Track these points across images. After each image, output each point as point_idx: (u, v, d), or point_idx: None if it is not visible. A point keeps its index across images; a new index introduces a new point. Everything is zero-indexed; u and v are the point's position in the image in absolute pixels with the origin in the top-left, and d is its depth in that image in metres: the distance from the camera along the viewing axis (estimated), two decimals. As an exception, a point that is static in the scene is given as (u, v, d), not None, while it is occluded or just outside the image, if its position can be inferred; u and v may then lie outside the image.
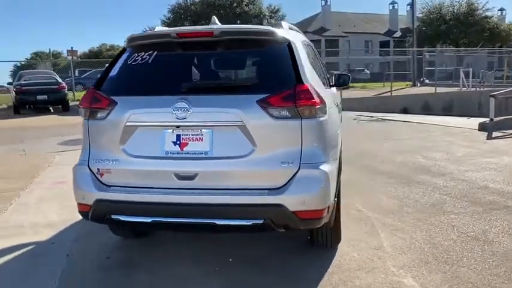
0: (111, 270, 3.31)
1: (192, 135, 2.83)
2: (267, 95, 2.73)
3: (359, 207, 4.49)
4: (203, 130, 2.82)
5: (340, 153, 5.99)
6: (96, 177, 2.97)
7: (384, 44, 53.36)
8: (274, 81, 2.89)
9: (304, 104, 2.76)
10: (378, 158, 6.90)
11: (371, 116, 12.80)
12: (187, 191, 2.81)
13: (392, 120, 12.09)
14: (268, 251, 3.52)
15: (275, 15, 46.89)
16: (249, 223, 2.74)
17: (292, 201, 2.72)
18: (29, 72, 18.74)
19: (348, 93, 22.99)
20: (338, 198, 3.23)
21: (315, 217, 2.83)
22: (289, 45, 3.00)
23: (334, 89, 5.21)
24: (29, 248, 3.76)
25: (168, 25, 44.55)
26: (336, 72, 5.68)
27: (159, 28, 3.28)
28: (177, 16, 43.98)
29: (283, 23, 3.44)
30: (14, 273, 3.31)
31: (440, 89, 22.10)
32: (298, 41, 3.28)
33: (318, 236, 3.35)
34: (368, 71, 42.66)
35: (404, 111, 18.12)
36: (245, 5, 43.05)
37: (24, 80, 16.22)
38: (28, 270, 3.33)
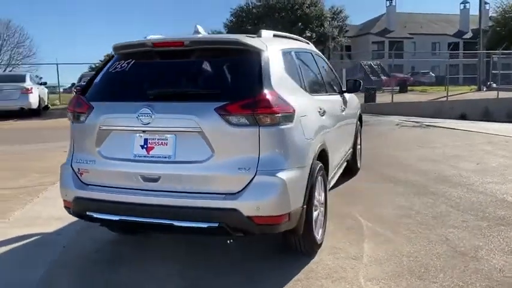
0: (96, 263, 3.55)
1: (158, 139, 2.99)
2: (225, 102, 2.82)
3: (357, 216, 4.42)
4: (167, 135, 2.96)
5: (355, 157, 5.92)
6: (77, 176, 3.21)
7: (452, 46, 50.83)
8: (236, 89, 2.98)
9: (262, 112, 2.82)
10: (402, 166, 6.69)
11: (416, 122, 12.33)
12: (151, 192, 2.97)
13: (437, 126, 11.55)
14: (247, 254, 3.60)
15: (337, 17, 46.29)
16: (204, 226, 2.86)
17: (246, 206, 2.80)
18: (89, 74, 20.10)
19: (403, 97, 22.35)
20: (309, 205, 3.22)
21: (272, 223, 2.88)
22: (257, 54, 3.06)
23: (347, 95, 5.17)
24: (36, 237, 4.11)
25: (231, 28, 45.45)
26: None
27: (151, 37, 3.46)
28: (239, 19, 44.74)
29: (263, 31, 3.50)
30: (13, 259, 3.66)
31: (506, 94, 20.72)
32: (275, 49, 3.32)
33: (289, 242, 3.37)
34: (433, 74, 40.84)
35: (462, 117, 17.27)
36: (306, 7, 42.86)
37: (84, 82, 17.45)
38: (26, 258, 3.66)
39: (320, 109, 3.76)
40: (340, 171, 4.94)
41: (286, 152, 2.95)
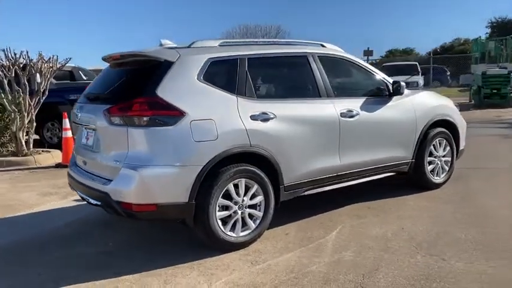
0: (95, 225, 4.44)
1: (89, 133, 3.87)
2: (111, 105, 3.45)
3: (338, 227, 3.99)
4: (93, 130, 3.79)
5: (422, 169, 4.97)
6: (74, 157, 4.31)
7: None
8: (124, 94, 3.58)
9: (131, 115, 3.34)
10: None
11: None
12: (85, 173, 3.86)
13: None
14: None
15: None
16: (94, 203, 3.62)
17: (113, 191, 3.36)
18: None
19: None
20: (202, 202, 3.40)
21: (134, 210, 3.33)
22: (156, 64, 3.51)
23: (406, 98, 4.78)
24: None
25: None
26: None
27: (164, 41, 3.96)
28: (494, 30, 40.00)
29: (199, 41, 3.78)
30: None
31: None
32: (194, 59, 3.56)
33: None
34: None
35: None
36: None
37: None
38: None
39: (263, 114, 3.68)
40: (353, 182, 4.50)
41: (156, 151, 3.31)
